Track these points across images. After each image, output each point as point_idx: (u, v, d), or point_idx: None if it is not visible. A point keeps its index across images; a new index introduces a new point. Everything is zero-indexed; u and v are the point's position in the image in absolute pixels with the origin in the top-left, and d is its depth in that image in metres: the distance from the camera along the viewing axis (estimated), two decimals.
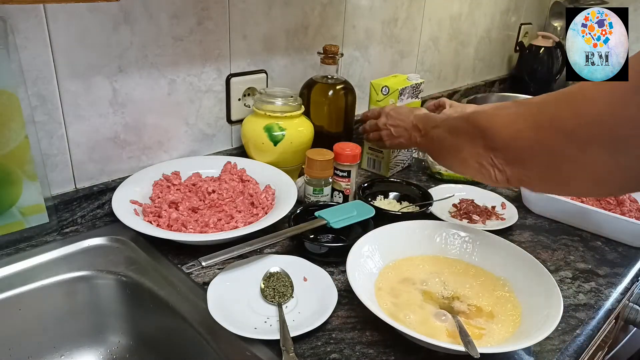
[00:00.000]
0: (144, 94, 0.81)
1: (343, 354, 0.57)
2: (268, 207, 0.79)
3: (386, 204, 0.91)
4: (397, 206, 0.90)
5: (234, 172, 0.87)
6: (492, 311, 0.62)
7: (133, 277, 0.69)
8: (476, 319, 0.61)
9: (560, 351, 0.59)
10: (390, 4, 1.22)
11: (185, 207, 0.77)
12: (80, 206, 0.78)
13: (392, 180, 0.97)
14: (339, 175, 0.86)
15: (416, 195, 0.91)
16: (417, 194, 0.91)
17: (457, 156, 0.67)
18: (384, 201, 0.92)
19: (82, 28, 0.71)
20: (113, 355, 0.72)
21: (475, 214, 0.89)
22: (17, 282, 0.66)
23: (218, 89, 0.92)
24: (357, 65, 1.20)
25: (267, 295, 0.64)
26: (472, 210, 0.89)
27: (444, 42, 1.47)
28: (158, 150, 0.87)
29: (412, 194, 0.92)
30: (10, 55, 0.64)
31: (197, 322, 0.61)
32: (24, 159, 0.68)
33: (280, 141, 0.88)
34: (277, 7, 0.96)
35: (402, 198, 0.93)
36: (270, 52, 0.98)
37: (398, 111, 0.90)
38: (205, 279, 0.68)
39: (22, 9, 0.65)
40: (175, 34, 0.82)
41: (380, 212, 0.81)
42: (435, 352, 0.56)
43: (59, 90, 0.72)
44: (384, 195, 0.93)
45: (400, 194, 0.93)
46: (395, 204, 0.91)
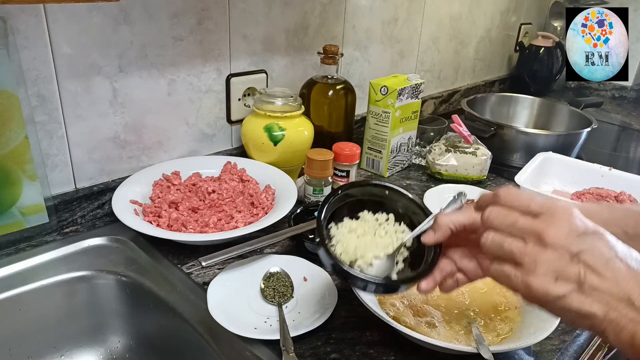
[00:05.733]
0: (144, 94, 0.81)
1: (343, 354, 0.57)
2: (268, 207, 0.79)
3: (353, 227, 0.56)
4: (370, 233, 0.56)
5: (234, 172, 0.87)
6: (492, 311, 0.62)
7: (133, 277, 0.69)
8: (477, 319, 0.61)
9: (560, 351, 0.59)
10: (390, 4, 1.22)
11: (185, 207, 0.77)
12: (80, 206, 0.78)
13: (370, 183, 0.61)
14: (338, 175, 0.86)
15: (404, 209, 0.59)
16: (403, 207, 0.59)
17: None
18: (352, 222, 0.57)
19: (82, 28, 0.71)
20: (113, 355, 0.72)
21: None
22: (17, 282, 0.66)
23: (218, 89, 0.92)
24: (357, 65, 1.20)
25: (267, 295, 0.64)
26: None
27: (444, 42, 1.47)
28: (158, 150, 0.87)
29: (398, 206, 0.59)
30: (10, 55, 0.64)
31: (197, 322, 0.61)
32: (24, 159, 0.68)
33: (280, 141, 0.88)
34: (277, 7, 0.96)
35: (381, 209, 0.59)
36: (270, 52, 0.98)
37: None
38: (205, 279, 0.68)
39: (22, 9, 0.65)
40: (175, 34, 0.82)
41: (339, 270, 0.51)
42: (435, 352, 0.56)
43: (59, 90, 0.72)
44: (352, 211, 0.58)
45: (380, 204, 0.59)
46: (368, 226, 0.57)
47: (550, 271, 0.37)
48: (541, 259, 0.38)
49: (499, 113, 1.40)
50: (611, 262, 0.37)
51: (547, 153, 1.05)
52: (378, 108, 0.99)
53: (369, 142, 1.04)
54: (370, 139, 1.03)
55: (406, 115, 1.02)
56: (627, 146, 1.53)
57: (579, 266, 0.37)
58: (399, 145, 1.04)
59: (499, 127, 1.14)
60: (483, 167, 1.03)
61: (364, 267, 0.52)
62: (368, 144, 1.04)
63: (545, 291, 0.37)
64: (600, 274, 0.37)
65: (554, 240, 0.38)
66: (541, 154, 1.04)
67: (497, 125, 1.15)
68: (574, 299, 0.37)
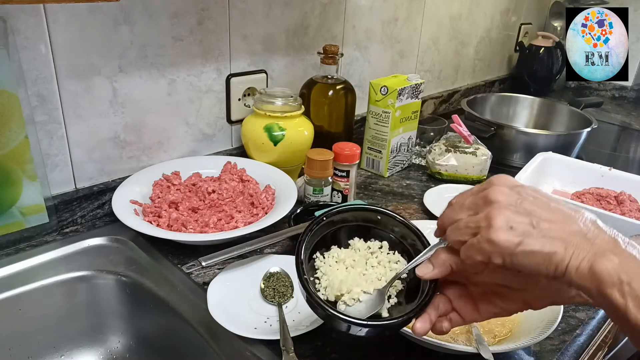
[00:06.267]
0: (144, 94, 0.81)
1: (343, 354, 0.57)
2: (268, 207, 0.79)
3: (341, 257, 0.51)
4: (364, 266, 0.50)
5: (234, 172, 0.87)
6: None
7: (133, 277, 0.69)
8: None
9: (560, 351, 0.59)
10: (390, 4, 1.22)
11: (185, 207, 0.77)
12: (80, 206, 0.78)
13: (360, 207, 0.54)
14: (337, 175, 0.86)
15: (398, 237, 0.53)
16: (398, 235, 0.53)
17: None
18: (340, 251, 0.51)
19: (82, 28, 0.71)
20: (113, 355, 0.72)
21: None
22: (17, 282, 0.66)
23: (218, 89, 0.92)
24: (357, 65, 1.20)
25: (267, 295, 0.64)
26: None
27: (444, 42, 1.47)
28: (158, 150, 0.87)
29: (392, 233, 0.53)
30: (10, 55, 0.64)
31: (197, 322, 0.61)
32: (24, 159, 0.68)
33: (280, 141, 0.88)
34: (277, 7, 0.96)
35: (374, 236, 0.53)
36: (270, 52, 0.98)
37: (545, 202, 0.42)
38: (205, 279, 0.68)
39: (22, 9, 0.65)
40: (175, 34, 0.82)
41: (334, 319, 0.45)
42: (435, 352, 0.56)
43: (59, 90, 0.72)
44: (343, 237, 0.53)
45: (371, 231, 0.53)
46: (359, 255, 0.51)
47: (504, 222, 0.39)
48: (492, 214, 0.40)
49: (499, 113, 1.40)
50: (552, 205, 0.41)
51: (547, 153, 1.05)
52: (378, 108, 0.99)
53: (369, 142, 1.04)
54: (370, 139, 1.04)
55: (406, 115, 1.02)
56: (627, 146, 1.53)
57: (528, 212, 0.40)
58: (399, 145, 1.04)
59: (499, 127, 1.14)
60: (483, 167, 1.03)
61: (350, 303, 0.46)
62: (368, 144, 1.04)
63: (506, 239, 0.39)
64: (548, 217, 0.40)
65: (497, 197, 0.41)
66: (541, 154, 1.04)
67: (497, 125, 1.15)
68: (534, 241, 0.39)
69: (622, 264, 0.36)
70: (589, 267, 0.37)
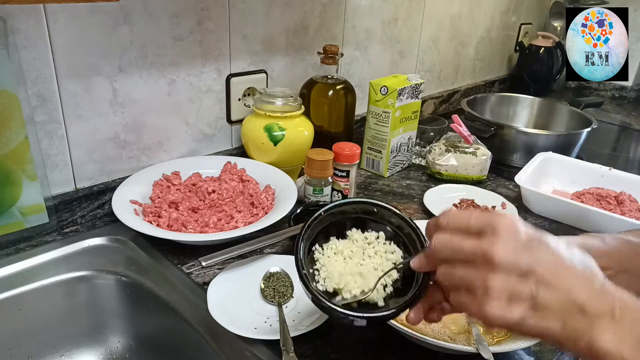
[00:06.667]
0: (144, 94, 0.81)
1: (343, 353, 0.57)
2: (268, 207, 0.79)
3: (339, 248, 0.52)
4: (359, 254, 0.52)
5: (234, 172, 0.87)
6: None
7: (133, 277, 0.69)
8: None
9: (560, 351, 0.59)
10: (390, 4, 1.22)
11: (185, 207, 0.77)
12: (80, 206, 0.78)
13: (357, 201, 0.55)
14: (337, 175, 0.86)
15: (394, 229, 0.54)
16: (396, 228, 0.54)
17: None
18: (338, 242, 0.53)
19: (82, 28, 0.71)
20: (113, 355, 0.72)
21: None
22: (17, 282, 0.66)
23: (218, 89, 0.92)
24: (357, 65, 1.20)
25: (267, 295, 0.64)
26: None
27: (444, 42, 1.47)
28: (158, 150, 0.87)
29: (389, 224, 0.54)
30: (10, 55, 0.64)
31: (197, 322, 0.61)
32: (24, 159, 0.68)
33: (280, 141, 0.88)
34: (277, 7, 0.96)
35: (371, 227, 0.55)
36: (270, 52, 0.98)
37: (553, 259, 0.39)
38: (205, 279, 0.68)
39: (22, 9, 0.65)
40: (175, 34, 0.82)
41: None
42: (435, 352, 0.56)
43: (59, 90, 0.72)
44: (340, 229, 0.54)
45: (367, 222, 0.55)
46: (356, 246, 0.53)
47: (503, 294, 0.37)
48: (492, 283, 0.38)
49: (499, 113, 1.40)
50: (560, 269, 0.38)
51: (547, 153, 1.05)
52: (378, 108, 0.99)
53: (369, 142, 1.04)
54: (370, 139, 1.04)
55: (406, 115, 1.02)
56: (627, 146, 1.53)
57: (530, 282, 0.37)
58: (399, 145, 1.04)
59: (499, 127, 1.14)
60: (483, 167, 1.03)
61: (349, 297, 0.48)
62: (368, 144, 1.04)
63: (502, 317, 0.37)
64: (551, 286, 0.37)
65: (501, 260, 0.38)
66: (541, 154, 1.04)
67: (497, 125, 1.15)
68: (531, 319, 0.38)
69: (622, 338, 0.36)
70: (587, 345, 0.37)
